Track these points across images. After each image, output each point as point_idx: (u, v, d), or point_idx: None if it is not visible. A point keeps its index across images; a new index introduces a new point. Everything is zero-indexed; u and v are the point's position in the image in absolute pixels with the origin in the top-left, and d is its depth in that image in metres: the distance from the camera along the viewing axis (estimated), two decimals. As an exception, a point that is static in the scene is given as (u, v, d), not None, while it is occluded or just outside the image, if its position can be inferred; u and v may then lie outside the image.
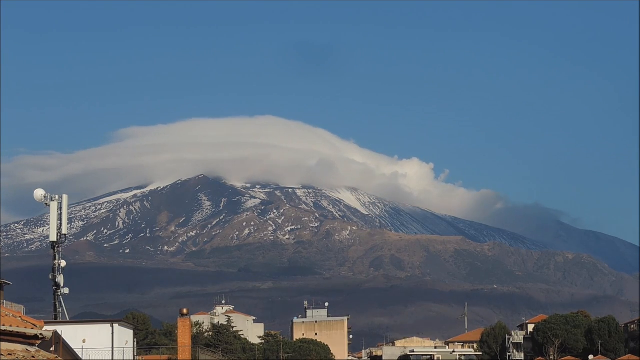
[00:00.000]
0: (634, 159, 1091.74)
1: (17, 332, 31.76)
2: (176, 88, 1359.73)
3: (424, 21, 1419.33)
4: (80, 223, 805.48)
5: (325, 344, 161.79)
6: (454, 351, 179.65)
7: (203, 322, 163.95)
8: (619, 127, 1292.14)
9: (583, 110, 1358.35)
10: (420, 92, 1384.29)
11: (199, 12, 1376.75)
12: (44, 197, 68.04)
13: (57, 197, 68.31)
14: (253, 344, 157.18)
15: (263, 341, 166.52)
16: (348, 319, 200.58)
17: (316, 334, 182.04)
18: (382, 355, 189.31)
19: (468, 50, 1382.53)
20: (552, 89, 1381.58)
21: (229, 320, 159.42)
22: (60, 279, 67.84)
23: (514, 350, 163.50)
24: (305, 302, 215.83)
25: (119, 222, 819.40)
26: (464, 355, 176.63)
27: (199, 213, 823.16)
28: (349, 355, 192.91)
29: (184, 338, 67.92)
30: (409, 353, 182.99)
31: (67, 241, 70.71)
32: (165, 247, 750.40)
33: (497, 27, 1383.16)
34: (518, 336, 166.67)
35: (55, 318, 67.59)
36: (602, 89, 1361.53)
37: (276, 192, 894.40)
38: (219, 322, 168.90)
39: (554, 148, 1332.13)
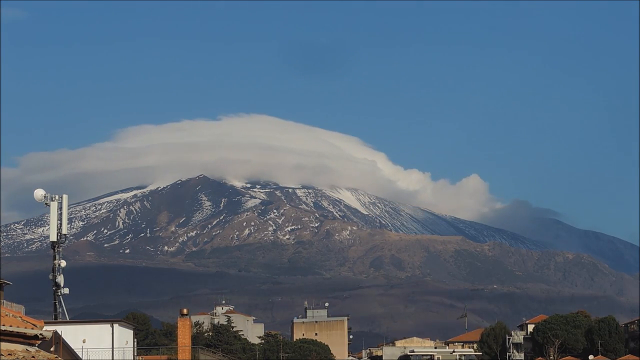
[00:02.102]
0: (634, 159, 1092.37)
1: (17, 332, 31.77)
2: (176, 88, 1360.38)
3: (424, 21, 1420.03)
4: (80, 223, 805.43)
5: (325, 344, 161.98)
6: (454, 351, 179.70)
7: (203, 322, 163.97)
8: (619, 127, 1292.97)
9: (583, 111, 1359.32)
10: (421, 92, 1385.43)
11: (198, 12, 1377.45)
12: (44, 197, 68.04)
13: (57, 197, 68.30)
14: (253, 344, 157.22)
15: (263, 341, 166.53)
16: (348, 319, 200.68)
17: (316, 334, 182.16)
18: (382, 355, 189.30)
19: (468, 51, 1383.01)
20: (553, 90, 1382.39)
21: (229, 320, 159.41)
22: (60, 279, 67.83)
23: (514, 351, 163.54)
24: (305, 302, 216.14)
25: (119, 222, 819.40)
26: (464, 355, 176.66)
27: (199, 213, 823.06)
28: (349, 355, 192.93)
29: (184, 338, 67.91)
30: (409, 353, 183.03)
31: (67, 241, 70.68)
32: (165, 247, 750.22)
33: (499, 27, 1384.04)
34: (518, 336, 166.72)
35: (55, 318, 67.58)
36: (602, 90, 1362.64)
37: (276, 192, 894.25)
38: (219, 322, 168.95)
39: (554, 148, 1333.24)
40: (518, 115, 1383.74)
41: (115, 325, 63.36)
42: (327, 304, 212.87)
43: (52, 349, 48.11)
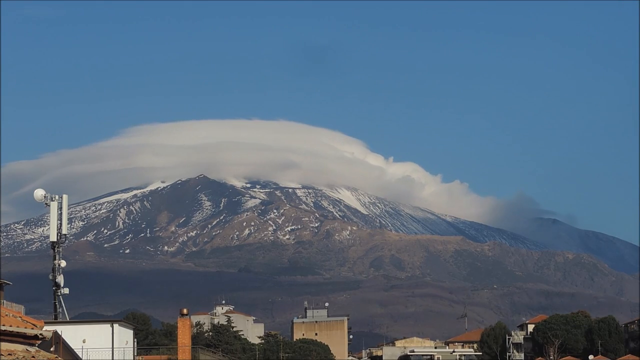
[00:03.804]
0: (634, 159, 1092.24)
1: (17, 332, 31.78)
2: (176, 88, 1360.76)
3: (424, 21, 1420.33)
4: (80, 223, 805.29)
5: (325, 344, 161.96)
6: (454, 351, 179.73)
7: (203, 322, 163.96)
8: (619, 127, 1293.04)
9: (583, 111, 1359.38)
10: (420, 91, 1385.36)
11: (198, 12, 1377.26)
12: (44, 197, 68.03)
13: (57, 197, 68.30)
14: (253, 344, 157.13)
15: (263, 341, 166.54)
16: (348, 319, 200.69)
17: (316, 334, 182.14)
18: (382, 355, 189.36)
19: (468, 50, 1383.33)
20: (552, 90, 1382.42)
21: (229, 320, 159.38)
22: (60, 279, 67.83)
23: (514, 351, 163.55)
24: (305, 302, 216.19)
25: (119, 222, 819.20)
26: (464, 355, 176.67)
27: (199, 213, 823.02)
28: (349, 355, 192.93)
29: (184, 338, 67.90)
30: (409, 353, 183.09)
31: (67, 241, 70.69)
32: (165, 247, 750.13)
33: (499, 27, 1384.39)
34: (518, 336, 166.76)
35: (55, 318, 67.59)
36: (602, 90, 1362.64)
37: (276, 192, 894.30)
38: (219, 322, 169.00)
39: (554, 148, 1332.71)
40: (516, 116, 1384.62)
41: (115, 325, 63.39)
42: (327, 304, 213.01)
43: (52, 349, 48.11)
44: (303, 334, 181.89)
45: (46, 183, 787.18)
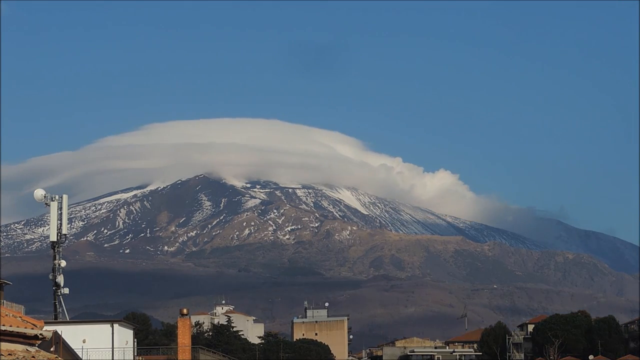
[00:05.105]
0: (634, 159, 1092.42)
1: (17, 332, 31.77)
2: (176, 89, 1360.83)
3: (424, 22, 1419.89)
4: (80, 223, 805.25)
5: (325, 344, 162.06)
6: (454, 351, 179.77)
7: (203, 322, 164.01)
8: (619, 127, 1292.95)
9: (583, 111, 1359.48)
10: (420, 92, 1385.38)
11: (198, 12, 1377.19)
12: (44, 197, 68.05)
13: (57, 197, 68.33)
14: (253, 344, 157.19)
15: (263, 341, 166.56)
16: (348, 319, 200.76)
17: (316, 334, 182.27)
18: (382, 355, 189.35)
19: (468, 51, 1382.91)
20: (552, 90, 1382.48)
21: (229, 320, 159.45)
22: (60, 279, 67.87)
23: (514, 351, 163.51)
24: (305, 302, 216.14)
25: (119, 222, 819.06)
26: (464, 355, 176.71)
27: (199, 213, 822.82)
28: (349, 355, 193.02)
29: (184, 338, 67.90)
30: (409, 353, 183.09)
31: (67, 241, 70.72)
32: (165, 247, 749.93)
33: (498, 28, 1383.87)
34: (518, 336, 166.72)
35: (55, 318, 67.62)
36: (601, 90, 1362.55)
37: (276, 192, 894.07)
38: (219, 322, 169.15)
39: (554, 148, 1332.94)
40: (518, 116, 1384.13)
41: (115, 325, 63.40)
42: (327, 304, 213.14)
43: (52, 349, 48.12)
44: (303, 334, 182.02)
45: (47, 183, 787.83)
